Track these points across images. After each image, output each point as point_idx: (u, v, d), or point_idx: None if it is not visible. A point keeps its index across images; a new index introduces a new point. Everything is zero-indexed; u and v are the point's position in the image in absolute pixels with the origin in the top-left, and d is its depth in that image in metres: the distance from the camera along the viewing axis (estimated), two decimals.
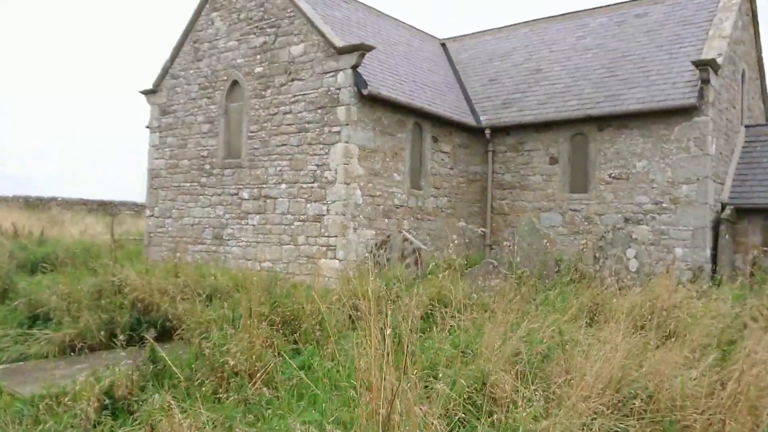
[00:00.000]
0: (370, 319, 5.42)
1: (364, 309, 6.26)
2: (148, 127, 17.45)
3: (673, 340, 5.02)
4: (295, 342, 6.42)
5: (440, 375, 5.34)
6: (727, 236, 13.51)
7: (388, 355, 4.94)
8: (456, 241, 13.56)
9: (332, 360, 5.73)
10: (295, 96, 13.83)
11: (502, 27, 20.29)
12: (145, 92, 17.37)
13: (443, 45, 20.90)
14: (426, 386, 5.11)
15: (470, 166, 16.62)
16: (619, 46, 16.07)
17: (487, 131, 16.35)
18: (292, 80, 13.90)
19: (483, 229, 15.61)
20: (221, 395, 5.07)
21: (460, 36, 21.18)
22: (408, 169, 14.56)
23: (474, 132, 16.58)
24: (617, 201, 14.37)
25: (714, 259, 13.37)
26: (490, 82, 17.89)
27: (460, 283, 7.77)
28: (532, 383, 4.80)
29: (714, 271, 12.96)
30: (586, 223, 14.74)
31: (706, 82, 13.19)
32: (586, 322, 6.38)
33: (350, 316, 7.53)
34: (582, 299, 7.23)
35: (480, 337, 5.69)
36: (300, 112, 13.71)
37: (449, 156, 15.93)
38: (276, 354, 5.85)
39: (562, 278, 9.73)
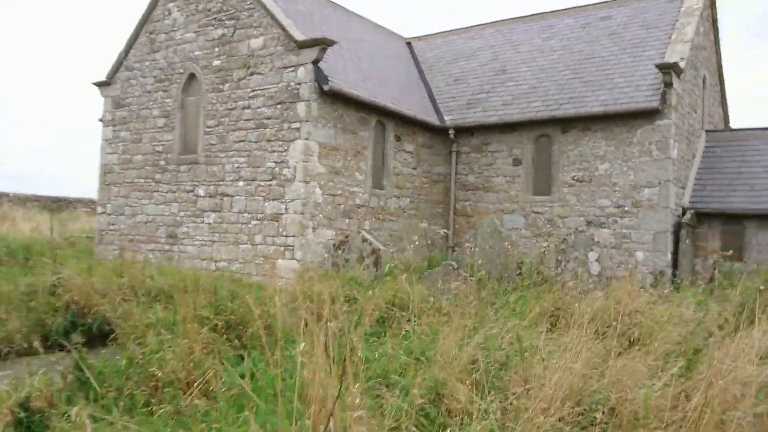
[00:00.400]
0: (318, 324, 5.07)
1: (306, 314, 5.91)
2: (101, 121, 16.75)
3: (636, 348, 4.78)
4: (242, 348, 6.02)
5: (392, 384, 5.03)
6: (687, 241, 13.52)
7: (334, 363, 4.59)
8: (417, 243, 13.30)
9: (279, 367, 5.35)
10: (254, 90, 13.37)
11: (469, 27, 20.12)
12: (99, 84, 16.67)
13: (409, 44, 20.63)
14: (377, 396, 4.78)
15: (434, 166, 16.37)
16: (584, 48, 16.02)
17: (451, 131, 16.13)
18: (251, 74, 13.44)
19: (445, 231, 15.39)
20: (154, 407, 4.65)
21: (426, 35, 20.94)
22: (370, 168, 14.23)
23: (438, 132, 16.34)
24: (580, 204, 14.28)
25: (674, 263, 13.35)
26: (455, 81, 17.68)
27: (418, 285, 7.47)
28: (489, 393, 4.50)
29: (674, 275, 12.94)
30: (548, 226, 14.62)
31: (668, 85, 13.18)
32: (547, 328, 6.13)
33: (305, 320, 7.17)
34: (543, 303, 6.98)
35: (436, 343, 5.38)
36: (259, 107, 13.26)
37: (413, 156, 15.65)
38: (218, 361, 5.44)
39: (523, 281, 9.52)
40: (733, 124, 19.90)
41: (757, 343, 4.17)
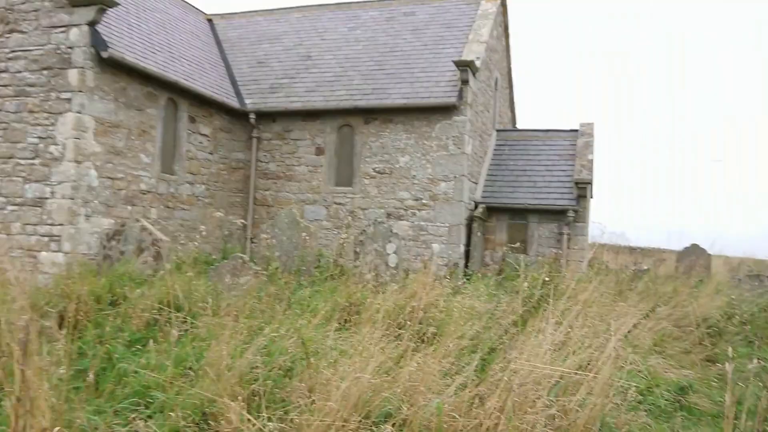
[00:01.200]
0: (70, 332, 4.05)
1: (53, 320, 4.82)
2: None
3: (432, 348, 4.43)
4: None
5: (152, 403, 4.15)
6: (479, 233, 14.09)
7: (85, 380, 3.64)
8: (206, 234, 12.24)
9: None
10: (13, 51, 11.27)
11: (274, 9, 19.24)
12: None
13: (210, 21, 19.18)
14: (134, 419, 3.88)
15: (233, 152, 15.30)
16: (388, 41, 16.03)
17: (252, 116, 15.20)
18: (11, 32, 11.31)
19: (243, 221, 14.47)
20: None
21: (229, 13, 19.65)
22: (159, 150, 12.80)
23: (238, 116, 15.31)
24: (381, 196, 14.22)
25: (467, 255, 13.83)
26: (259, 64, 16.75)
27: (200, 281, 6.57)
28: (267, 409, 3.83)
29: (467, 266, 13.39)
30: (350, 218, 14.37)
31: (465, 82, 13.58)
32: (340, 326, 5.63)
33: (59, 325, 5.95)
34: (337, 298, 6.48)
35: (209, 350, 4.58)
36: (20, 71, 11.21)
37: (209, 140, 14.45)
38: None
39: (321, 274, 9.01)
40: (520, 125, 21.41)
41: (549, 338, 4.02)
